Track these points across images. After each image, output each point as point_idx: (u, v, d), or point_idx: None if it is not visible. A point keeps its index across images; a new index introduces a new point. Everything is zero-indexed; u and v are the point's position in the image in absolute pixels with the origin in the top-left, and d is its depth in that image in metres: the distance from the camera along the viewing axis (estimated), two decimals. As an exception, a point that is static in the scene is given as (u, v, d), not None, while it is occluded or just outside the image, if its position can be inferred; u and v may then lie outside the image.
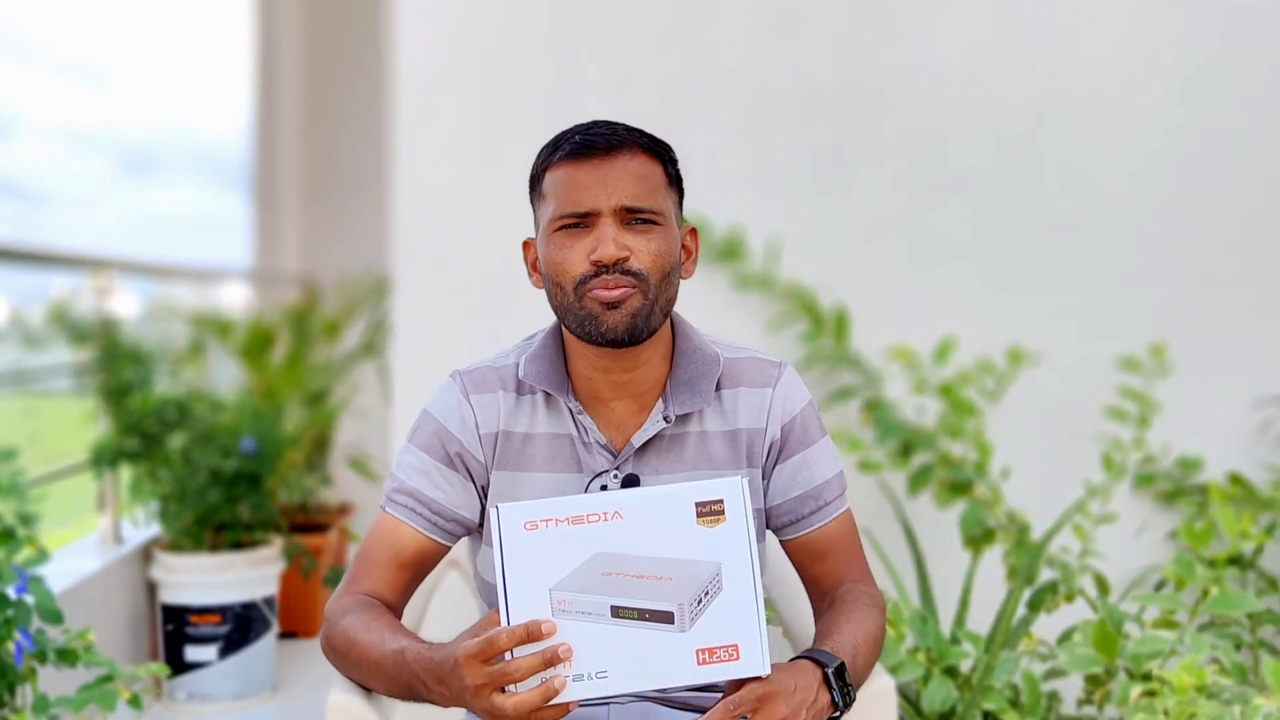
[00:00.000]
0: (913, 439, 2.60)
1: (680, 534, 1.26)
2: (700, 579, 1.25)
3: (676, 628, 1.24)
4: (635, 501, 1.28)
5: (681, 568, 1.25)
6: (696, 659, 1.24)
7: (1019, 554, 2.46)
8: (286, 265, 5.64)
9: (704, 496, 1.27)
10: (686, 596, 1.24)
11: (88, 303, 3.57)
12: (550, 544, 1.25)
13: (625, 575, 1.25)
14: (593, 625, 1.23)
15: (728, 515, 1.27)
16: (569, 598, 1.24)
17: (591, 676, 1.22)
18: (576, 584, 1.24)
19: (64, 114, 5.36)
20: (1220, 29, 2.78)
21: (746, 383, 1.51)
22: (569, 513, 1.26)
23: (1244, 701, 1.77)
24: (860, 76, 2.76)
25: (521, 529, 1.25)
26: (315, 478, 3.92)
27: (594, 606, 1.24)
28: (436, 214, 2.70)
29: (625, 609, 1.24)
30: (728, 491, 1.27)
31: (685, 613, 1.24)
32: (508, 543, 1.25)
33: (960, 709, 2.04)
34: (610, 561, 1.25)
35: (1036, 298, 2.78)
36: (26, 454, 2.11)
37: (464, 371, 1.52)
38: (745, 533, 1.26)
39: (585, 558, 1.25)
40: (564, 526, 1.25)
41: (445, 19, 2.71)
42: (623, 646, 1.24)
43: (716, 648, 1.24)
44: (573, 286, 1.40)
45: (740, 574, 1.26)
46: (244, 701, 3.05)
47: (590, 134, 1.42)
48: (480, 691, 1.22)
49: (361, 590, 1.48)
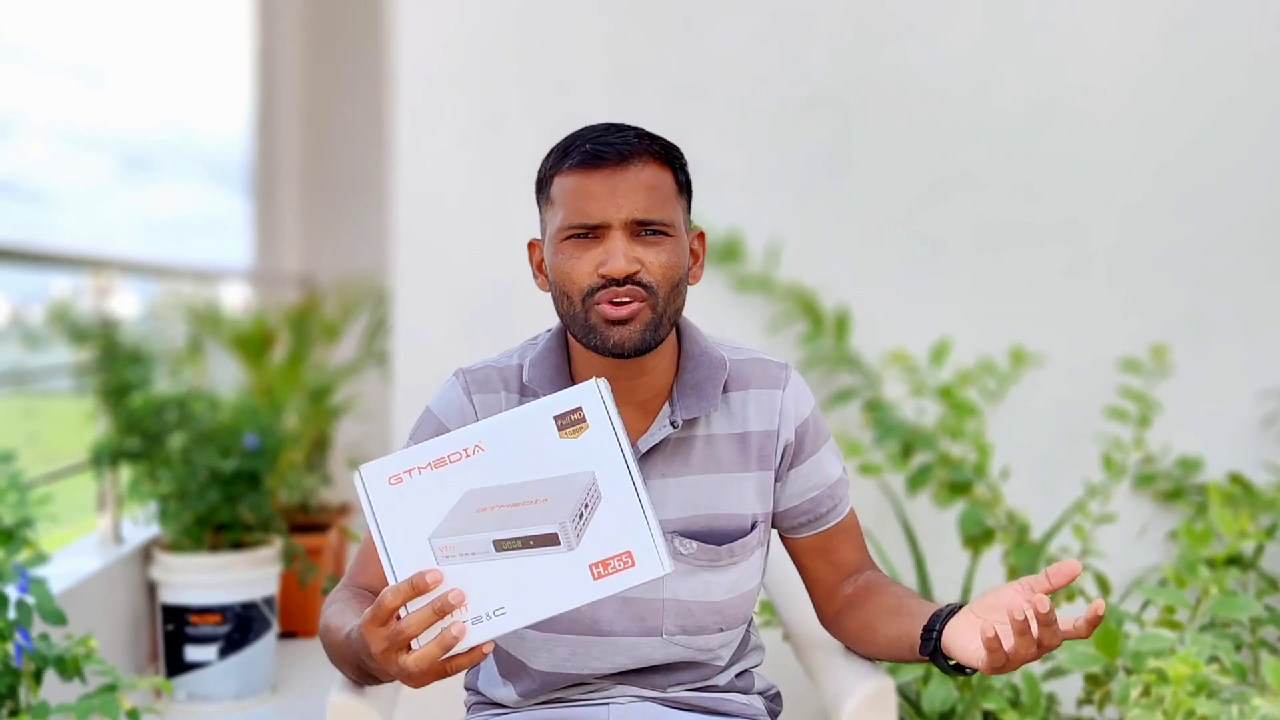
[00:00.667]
0: (912, 439, 2.60)
1: (546, 452, 1.22)
2: (576, 493, 1.21)
3: (564, 547, 1.20)
4: (493, 430, 1.23)
5: (555, 486, 1.21)
6: (591, 574, 1.20)
7: (1019, 554, 2.46)
8: (286, 265, 5.64)
9: (561, 408, 1.23)
10: (567, 514, 1.20)
11: (88, 303, 3.57)
12: (419, 493, 1.21)
13: (501, 507, 1.21)
14: (480, 565, 1.20)
15: (589, 421, 1.22)
16: (449, 542, 1.20)
17: (490, 616, 1.20)
18: (454, 527, 1.21)
19: (64, 114, 5.36)
20: (1220, 28, 2.78)
21: (755, 385, 1.51)
22: (429, 457, 1.22)
23: (1243, 701, 1.77)
24: (860, 77, 2.76)
25: (386, 484, 1.22)
26: (315, 477, 3.92)
27: (476, 546, 1.20)
28: (436, 214, 2.70)
29: (508, 541, 1.20)
30: (584, 398, 1.23)
31: (569, 530, 1.20)
32: (376, 502, 1.22)
33: (960, 709, 2.05)
34: (483, 496, 1.22)
35: (1036, 298, 2.78)
36: (26, 454, 2.12)
37: (467, 370, 1.52)
38: (612, 435, 1.22)
39: (457, 498, 1.22)
40: (427, 472, 1.22)
41: (445, 19, 2.71)
42: (515, 579, 1.20)
43: (609, 558, 1.20)
44: (580, 298, 1.39)
45: (616, 478, 1.21)
46: (244, 701, 3.05)
47: (601, 143, 1.40)
48: (386, 656, 1.21)
49: (356, 584, 1.48)
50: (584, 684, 1.51)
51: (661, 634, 1.47)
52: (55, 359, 3.62)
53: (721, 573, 1.48)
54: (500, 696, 1.55)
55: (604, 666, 1.49)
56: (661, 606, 1.46)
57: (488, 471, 1.22)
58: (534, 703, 1.53)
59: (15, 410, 4.53)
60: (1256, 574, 2.44)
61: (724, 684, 1.55)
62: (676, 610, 1.47)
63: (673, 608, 1.47)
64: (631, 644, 1.47)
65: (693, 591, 1.47)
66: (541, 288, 1.49)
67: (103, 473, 3.18)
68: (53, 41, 4.95)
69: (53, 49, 5.00)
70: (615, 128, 1.43)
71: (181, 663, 3.02)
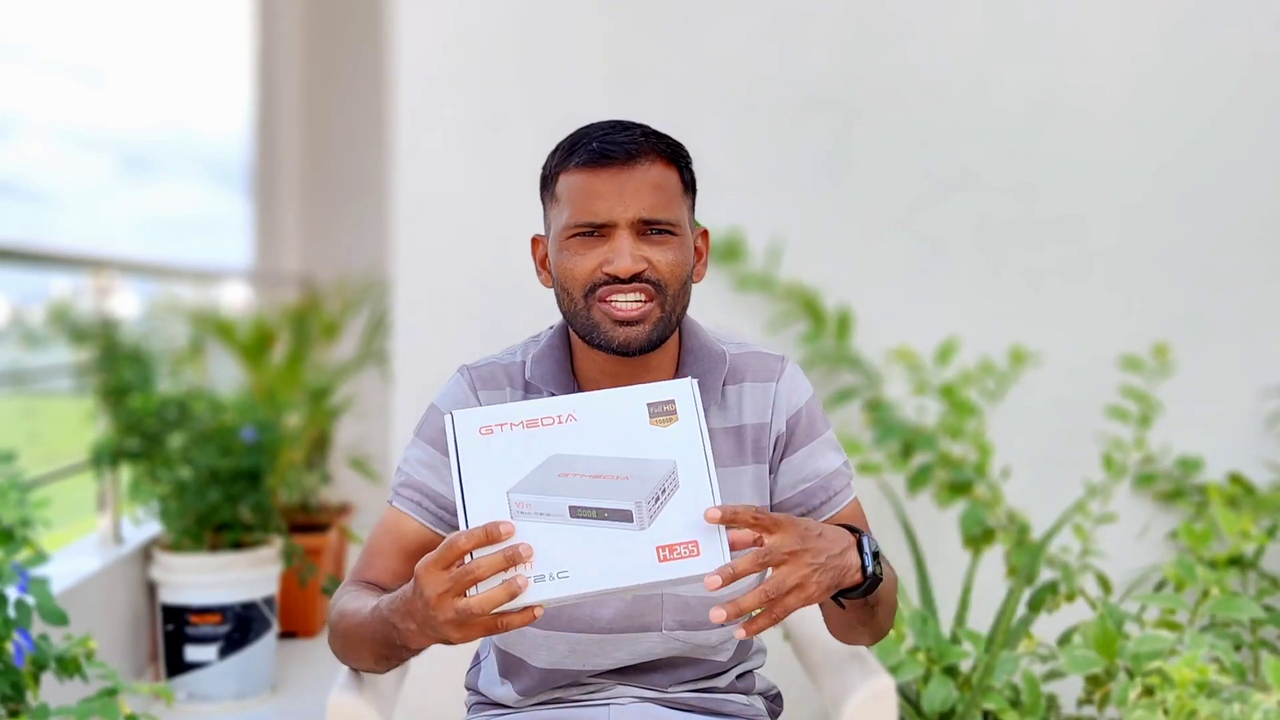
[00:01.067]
0: (913, 439, 2.60)
1: (634, 434, 1.26)
2: (656, 477, 1.24)
3: (635, 525, 1.22)
4: (588, 404, 1.27)
5: (637, 467, 1.25)
6: (657, 555, 1.22)
7: (1019, 554, 2.46)
8: (286, 265, 5.65)
9: (655, 397, 1.27)
10: (644, 494, 1.23)
11: (88, 303, 3.57)
12: (505, 448, 1.24)
13: (582, 476, 1.24)
14: (552, 526, 1.22)
15: (679, 415, 1.26)
16: (527, 499, 1.22)
17: (553, 577, 1.21)
18: (533, 485, 1.23)
19: (65, 114, 5.36)
20: (1220, 29, 2.78)
21: (750, 378, 1.51)
22: (523, 416, 1.25)
23: (1243, 700, 1.77)
24: (860, 76, 2.76)
25: (476, 433, 1.24)
26: (315, 477, 3.92)
27: (552, 508, 1.22)
28: (436, 213, 2.70)
29: (583, 509, 1.23)
30: (679, 392, 1.27)
31: (643, 510, 1.22)
32: (464, 447, 1.24)
33: (960, 709, 2.05)
34: (566, 463, 1.24)
35: (1036, 297, 2.78)
36: (26, 454, 2.11)
37: (472, 367, 1.52)
38: (698, 431, 1.26)
39: (541, 460, 1.24)
40: (518, 430, 1.24)
41: (445, 19, 2.71)
42: (583, 546, 1.22)
43: (676, 544, 1.23)
44: (582, 294, 1.40)
45: (695, 472, 1.25)
46: (244, 701, 3.06)
47: (608, 141, 1.39)
48: (443, 600, 1.20)
49: (364, 579, 1.48)
50: (585, 683, 1.51)
51: (661, 629, 1.47)
52: (55, 359, 3.62)
53: (721, 569, 1.48)
54: (500, 696, 1.55)
55: (604, 663, 1.49)
56: (660, 602, 1.46)
57: (576, 440, 1.25)
58: (534, 702, 1.53)
59: (15, 410, 4.53)
60: (1258, 574, 2.44)
61: (724, 685, 1.55)
62: (676, 605, 1.47)
63: (672, 603, 1.47)
64: (631, 640, 1.47)
65: (691, 587, 1.47)
66: (544, 284, 1.49)
67: (103, 473, 3.18)
68: (53, 41, 4.95)
69: (53, 49, 5.00)
70: (622, 125, 1.42)
71: (181, 663, 3.02)
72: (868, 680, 1.51)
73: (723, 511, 1.22)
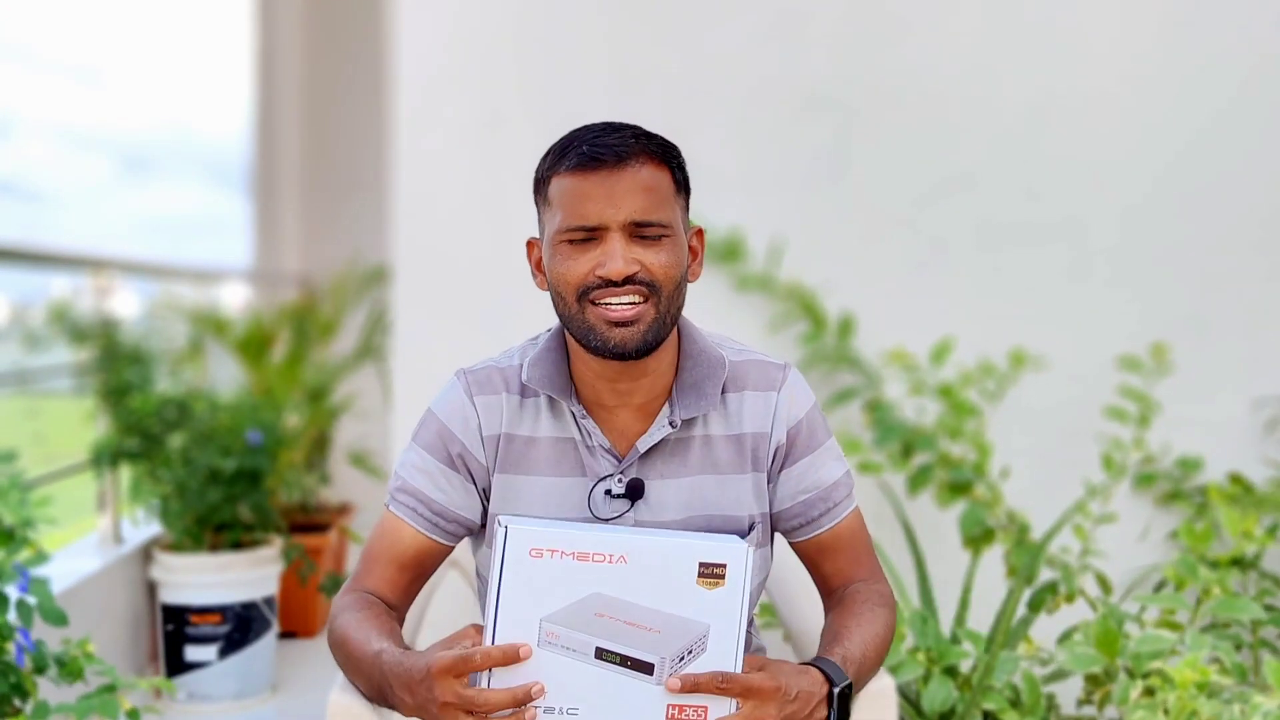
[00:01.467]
0: (913, 439, 2.60)
1: (678, 589, 1.27)
2: (687, 637, 1.26)
3: (654, 679, 1.26)
4: (642, 548, 1.28)
5: (672, 623, 1.27)
6: (666, 713, 1.26)
7: (1019, 554, 2.46)
8: (286, 265, 5.64)
9: (710, 558, 1.27)
10: (670, 651, 1.26)
11: (88, 303, 3.57)
12: (551, 574, 1.25)
13: (616, 620, 1.26)
14: (573, 661, 1.25)
15: (727, 581, 1.27)
16: (558, 631, 1.25)
17: (563, 711, 1.25)
18: (568, 619, 1.25)
19: (64, 114, 5.36)
20: (1220, 28, 2.78)
21: (751, 386, 1.50)
22: (576, 547, 1.26)
23: (1244, 700, 1.77)
24: (860, 77, 2.76)
25: (526, 554, 1.26)
26: (315, 477, 3.92)
27: (580, 644, 1.25)
28: (436, 213, 2.70)
29: (609, 652, 1.25)
30: (732, 557, 1.28)
31: (665, 666, 1.25)
32: (509, 564, 1.25)
33: (960, 709, 2.04)
34: (605, 604, 1.26)
35: (1036, 298, 2.78)
36: (26, 454, 2.11)
37: (469, 371, 1.52)
38: (740, 601, 1.27)
39: (581, 594, 1.26)
40: (568, 560, 1.26)
41: (445, 19, 2.71)
42: (598, 688, 1.25)
43: (687, 706, 1.26)
44: (575, 297, 1.39)
45: (726, 640, 1.27)
46: (244, 701, 3.05)
47: (598, 144, 1.39)
48: (446, 709, 1.23)
49: (364, 588, 1.48)
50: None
51: (662, 633, 1.47)
52: (55, 359, 3.61)
53: (722, 573, 1.48)
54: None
55: (605, 666, 1.49)
56: None
57: (619, 583, 1.27)
58: (534, 702, 1.53)
59: (15, 410, 4.53)
60: (1258, 574, 2.44)
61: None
62: None
63: None
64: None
65: None
66: (540, 286, 1.49)
67: (103, 473, 3.18)
68: (53, 41, 4.95)
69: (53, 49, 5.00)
70: (612, 127, 1.42)
71: (181, 663, 3.02)
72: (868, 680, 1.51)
73: (682, 681, 1.25)
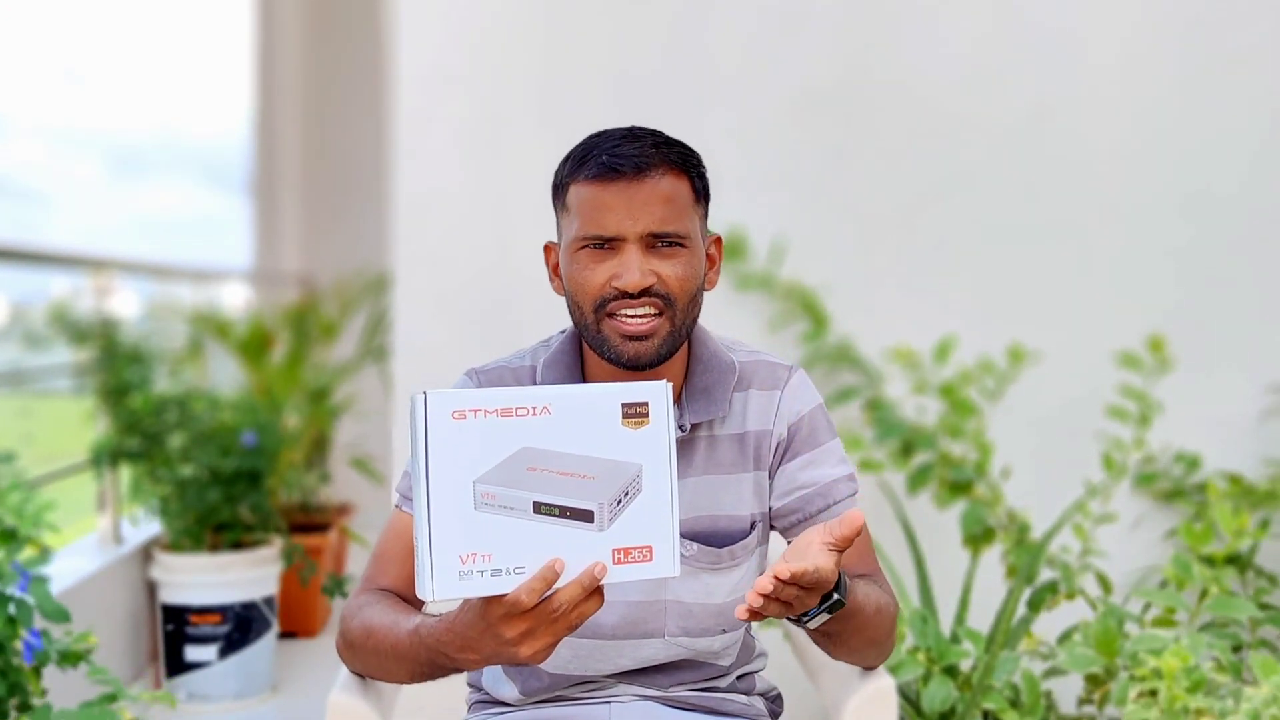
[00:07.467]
0: (913, 438, 2.60)
1: (605, 433, 1.25)
2: (621, 479, 1.25)
3: (595, 526, 1.23)
4: (563, 397, 1.26)
5: (604, 467, 1.25)
6: (612, 558, 1.24)
7: (1019, 553, 2.46)
8: (286, 265, 5.65)
9: (631, 398, 1.26)
10: (607, 496, 1.24)
11: (88, 303, 3.57)
12: (476, 435, 1.22)
13: (549, 472, 1.24)
14: (513, 520, 1.22)
15: (651, 418, 1.26)
16: (492, 490, 1.22)
17: (510, 572, 1.21)
18: (500, 477, 1.23)
19: (64, 115, 5.36)
20: (1220, 29, 2.78)
21: (757, 385, 1.51)
22: (498, 404, 1.23)
23: (1236, 696, 1.77)
24: (860, 76, 2.76)
25: (449, 417, 1.22)
26: (315, 477, 3.92)
27: (516, 501, 1.22)
28: (437, 214, 2.70)
29: (547, 505, 1.23)
30: (653, 394, 1.27)
31: (605, 512, 1.23)
32: (434, 430, 1.22)
33: (960, 709, 2.05)
34: (536, 457, 1.24)
35: (1036, 297, 2.78)
36: (25, 454, 2.11)
37: (479, 370, 1.52)
38: (666, 436, 1.26)
39: (511, 451, 1.23)
40: (492, 418, 1.23)
41: (445, 19, 2.71)
42: (542, 543, 1.22)
43: (631, 548, 1.25)
44: (592, 308, 1.40)
45: (659, 477, 1.26)
46: (244, 701, 3.05)
47: (617, 153, 1.38)
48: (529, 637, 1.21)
49: (377, 587, 1.48)
50: (587, 681, 1.52)
51: (663, 635, 1.48)
52: (55, 359, 3.61)
53: (723, 575, 1.48)
54: (504, 694, 1.55)
55: (606, 668, 1.49)
56: (664, 608, 1.47)
57: (547, 435, 1.24)
58: (535, 700, 1.53)
59: (15, 410, 4.53)
60: (1255, 572, 2.44)
61: (725, 685, 1.56)
62: (678, 612, 1.47)
63: (675, 609, 1.47)
64: (633, 646, 1.48)
65: (694, 594, 1.47)
66: (557, 291, 1.49)
67: (103, 473, 3.18)
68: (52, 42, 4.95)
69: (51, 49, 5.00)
70: (633, 135, 1.41)
71: (181, 663, 3.02)
72: (867, 680, 1.51)
73: (773, 585, 1.22)
